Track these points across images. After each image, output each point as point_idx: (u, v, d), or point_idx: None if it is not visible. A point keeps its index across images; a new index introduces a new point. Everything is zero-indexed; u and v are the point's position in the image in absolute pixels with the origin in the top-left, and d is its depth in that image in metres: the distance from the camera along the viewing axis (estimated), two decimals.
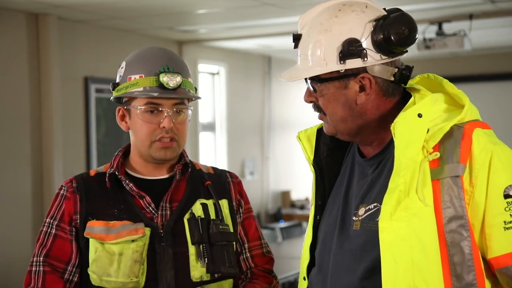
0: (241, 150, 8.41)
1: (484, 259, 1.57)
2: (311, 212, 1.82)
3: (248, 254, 2.08)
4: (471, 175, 1.55)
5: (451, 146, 1.57)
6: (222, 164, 8.13)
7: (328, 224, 1.76)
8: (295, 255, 1.72)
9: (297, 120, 8.65)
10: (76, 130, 6.05)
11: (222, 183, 2.07)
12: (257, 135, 8.78)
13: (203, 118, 7.89)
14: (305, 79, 1.68)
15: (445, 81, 1.70)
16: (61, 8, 5.47)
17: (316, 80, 1.65)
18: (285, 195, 9.15)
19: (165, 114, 1.93)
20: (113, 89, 2.00)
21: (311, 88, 1.68)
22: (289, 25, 6.29)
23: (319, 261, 1.77)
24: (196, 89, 2.05)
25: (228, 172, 2.14)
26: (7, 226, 5.40)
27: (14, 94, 5.54)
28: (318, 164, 1.81)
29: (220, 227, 1.98)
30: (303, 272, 1.82)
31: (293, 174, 9.14)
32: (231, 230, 2.01)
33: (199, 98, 2.04)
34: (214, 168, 2.13)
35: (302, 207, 8.88)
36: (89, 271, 1.93)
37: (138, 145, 1.99)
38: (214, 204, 2.01)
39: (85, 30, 6.16)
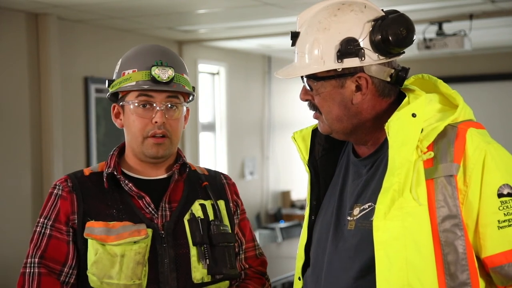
0: (241, 150, 8.41)
1: (478, 258, 1.58)
2: (306, 212, 1.82)
3: (243, 256, 2.05)
4: (465, 175, 1.55)
5: (445, 146, 1.58)
6: (222, 164, 8.13)
7: (323, 224, 1.76)
8: (295, 255, 1.72)
9: (297, 120, 8.63)
10: (76, 130, 6.06)
11: (217, 185, 2.05)
12: (257, 135, 8.78)
13: (203, 118, 7.90)
14: (302, 77, 1.68)
15: (439, 81, 1.71)
16: (61, 8, 5.47)
17: (312, 78, 1.66)
18: (285, 195, 9.15)
19: (157, 108, 1.91)
20: (108, 86, 1.98)
21: (308, 86, 1.69)
22: (289, 25, 6.29)
23: (314, 261, 1.77)
24: (194, 88, 2.02)
25: (222, 173, 2.11)
26: (7, 226, 5.40)
27: (14, 94, 5.54)
28: (313, 164, 1.81)
29: (221, 228, 1.95)
30: (298, 272, 1.83)
31: (293, 174, 9.14)
32: (230, 231, 1.98)
33: (192, 93, 2.00)
34: (208, 170, 2.10)
35: (302, 207, 8.86)
36: (89, 273, 1.87)
37: (131, 142, 1.96)
38: (212, 204, 1.98)
39: (84, 30, 6.17)
